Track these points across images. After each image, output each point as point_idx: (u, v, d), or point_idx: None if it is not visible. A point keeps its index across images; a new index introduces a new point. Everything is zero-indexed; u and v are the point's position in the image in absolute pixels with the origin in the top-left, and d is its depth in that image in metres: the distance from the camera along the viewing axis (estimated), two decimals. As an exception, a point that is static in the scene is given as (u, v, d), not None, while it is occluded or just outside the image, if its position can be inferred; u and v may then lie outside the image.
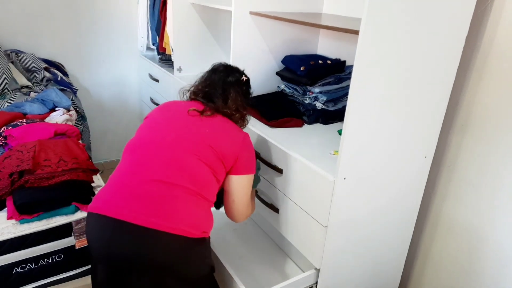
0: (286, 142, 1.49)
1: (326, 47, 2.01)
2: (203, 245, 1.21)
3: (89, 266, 1.51)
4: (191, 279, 1.22)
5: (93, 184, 1.59)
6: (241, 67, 1.46)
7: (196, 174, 1.18)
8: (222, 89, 1.35)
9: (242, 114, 1.38)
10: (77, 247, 1.47)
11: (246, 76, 1.43)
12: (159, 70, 2.67)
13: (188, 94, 1.41)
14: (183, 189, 1.15)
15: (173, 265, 1.14)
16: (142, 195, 1.12)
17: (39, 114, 2.02)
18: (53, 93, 2.15)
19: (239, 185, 1.32)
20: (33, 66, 2.44)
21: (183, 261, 1.16)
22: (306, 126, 1.70)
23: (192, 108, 1.30)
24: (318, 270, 1.43)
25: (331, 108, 1.73)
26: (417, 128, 1.37)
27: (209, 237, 1.27)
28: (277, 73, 1.90)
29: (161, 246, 1.10)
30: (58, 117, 2.03)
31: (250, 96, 1.47)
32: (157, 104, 2.78)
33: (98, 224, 1.13)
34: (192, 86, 1.41)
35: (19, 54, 2.47)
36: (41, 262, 1.44)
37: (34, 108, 2.02)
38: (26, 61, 2.45)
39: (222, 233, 1.93)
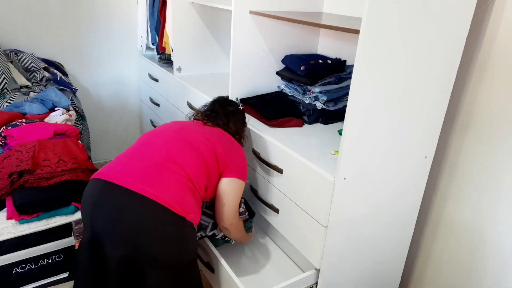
0: (286, 142, 1.49)
1: (326, 46, 2.01)
2: (183, 225, 1.22)
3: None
4: (167, 262, 1.21)
5: (92, 184, 1.58)
6: (241, 67, 1.49)
7: (190, 162, 1.29)
8: (224, 114, 1.55)
9: (241, 136, 1.58)
10: (76, 247, 1.47)
11: (242, 106, 1.65)
12: (158, 70, 2.67)
13: (192, 116, 1.61)
14: (176, 169, 1.26)
15: (150, 228, 1.17)
16: (135, 167, 1.24)
17: (39, 114, 2.01)
18: (53, 93, 2.15)
19: (230, 188, 1.40)
20: (33, 66, 2.44)
21: (160, 234, 1.18)
22: (306, 126, 1.70)
23: (196, 119, 1.54)
24: (318, 270, 1.43)
25: (331, 108, 1.73)
26: (418, 128, 1.36)
27: (192, 224, 1.27)
28: (277, 73, 1.90)
29: (142, 209, 1.17)
30: (57, 117, 2.03)
31: (246, 124, 1.65)
32: (157, 104, 2.78)
33: (90, 185, 1.26)
34: (198, 113, 1.60)
35: (18, 54, 2.46)
36: (41, 262, 1.43)
37: (33, 108, 2.02)
38: (25, 61, 2.44)
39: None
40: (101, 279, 1.23)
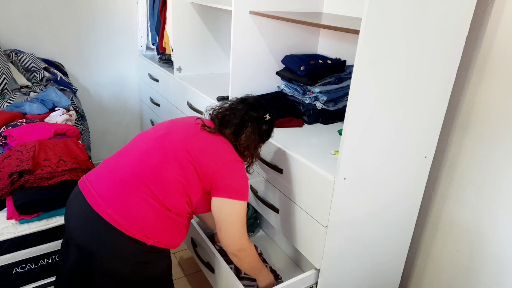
0: (286, 142, 1.49)
1: (326, 47, 2.01)
2: (139, 249, 1.19)
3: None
4: (117, 276, 1.21)
5: (93, 184, 1.58)
6: (241, 67, 1.45)
7: (163, 180, 1.19)
8: (241, 119, 1.30)
9: (250, 153, 1.34)
10: (77, 247, 1.47)
11: (270, 115, 1.35)
12: (159, 70, 2.67)
13: (210, 112, 1.39)
14: (143, 189, 1.18)
15: (99, 249, 1.18)
16: (107, 184, 1.20)
17: (39, 114, 2.02)
18: (53, 93, 2.15)
19: (222, 210, 1.24)
20: (33, 66, 2.44)
21: (112, 255, 1.18)
22: (306, 126, 1.70)
23: (200, 121, 1.31)
24: (318, 270, 1.43)
25: (331, 108, 1.73)
26: (418, 128, 1.36)
27: (155, 247, 1.21)
28: (277, 73, 1.90)
29: (100, 232, 1.16)
30: (57, 117, 2.03)
31: (268, 139, 1.40)
32: (157, 104, 2.78)
33: (74, 191, 1.26)
34: (218, 107, 1.38)
35: (18, 54, 2.47)
36: (41, 262, 1.44)
37: (33, 108, 2.02)
38: (25, 61, 2.44)
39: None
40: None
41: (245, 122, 1.30)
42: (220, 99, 1.96)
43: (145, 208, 1.17)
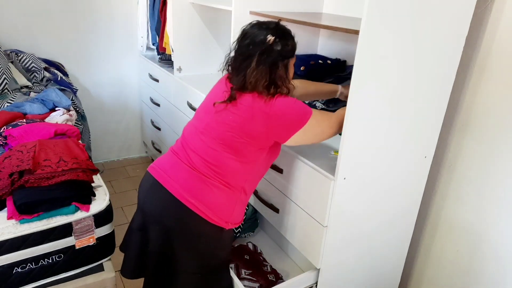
0: (286, 142, 1.49)
1: (326, 47, 2.01)
2: (219, 235, 1.30)
3: (89, 266, 1.52)
4: (195, 269, 1.31)
5: (93, 184, 1.58)
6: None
7: (222, 166, 1.25)
8: (244, 57, 1.19)
9: (280, 84, 1.19)
10: (77, 247, 1.47)
11: (278, 34, 1.18)
12: (159, 70, 2.67)
13: (226, 67, 1.29)
14: (214, 181, 1.25)
15: (185, 236, 1.28)
16: (181, 170, 1.27)
17: (39, 114, 2.02)
18: (53, 93, 2.15)
19: (306, 137, 1.22)
20: (33, 66, 2.44)
21: (194, 237, 1.28)
22: (306, 126, 1.70)
23: (217, 101, 1.24)
24: (318, 270, 1.43)
25: (331, 108, 1.73)
26: (417, 128, 1.37)
27: (231, 230, 1.35)
28: (277, 73, 1.90)
29: (182, 217, 1.25)
30: (58, 117, 2.03)
31: (291, 55, 1.23)
32: (157, 104, 2.78)
33: (144, 180, 1.36)
34: (231, 54, 1.27)
35: (19, 54, 2.47)
36: (41, 262, 1.43)
37: (34, 108, 2.02)
38: (26, 61, 2.45)
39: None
40: (144, 263, 1.39)
41: (247, 59, 1.18)
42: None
43: (222, 194, 1.26)
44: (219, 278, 1.39)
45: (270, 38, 1.16)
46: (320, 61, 1.80)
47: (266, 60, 1.17)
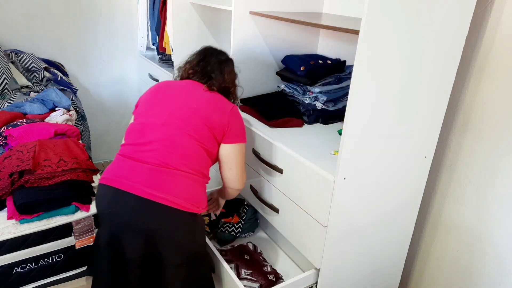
0: (286, 142, 1.49)
1: (326, 47, 2.01)
2: (195, 221, 1.33)
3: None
4: (179, 260, 1.32)
5: (93, 184, 1.59)
6: (241, 67, 1.47)
7: (187, 153, 1.31)
8: (219, 67, 1.49)
9: (235, 88, 1.56)
10: (77, 247, 1.47)
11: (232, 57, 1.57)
12: (159, 70, 2.67)
13: (182, 73, 1.55)
14: (177, 169, 1.28)
15: (162, 231, 1.28)
16: (139, 169, 1.27)
17: (39, 114, 2.02)
18: (53, 93, 2.15)
19: (233, 154, 1.42)
20: (33, 66, 2.44)
21: (172, 229, 1.29)
22: (306, 126, 1.70)
23: (202, 86, 1.44)
24: (318, 270, 1.43)
25: (331, 108, 1.73)
26: (417, 128, 1.37)
27: (201, 216, 1.39)
28: (277, 73, 1.90)
29: (154, 215, 1.25)
30: (58, 117, 2.03)
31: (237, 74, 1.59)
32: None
33: (102, 193, 1.32)
34: (186, 64, 1.55)
35: (19, 54, 2.47)
36: (41, 262, 1.44)
37: (34, 108, 2.02)
38: (26, 61, 2.45)
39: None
40: (119, 279, 1.34)
41: (223, 67, 1.50)
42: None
43: (188, 180, 1.29)
44: (204, 265, 1.43)
45: (228, 55, 1.58)
46: (320, 61, 1.80)
47: (232, 67, 1.54)
